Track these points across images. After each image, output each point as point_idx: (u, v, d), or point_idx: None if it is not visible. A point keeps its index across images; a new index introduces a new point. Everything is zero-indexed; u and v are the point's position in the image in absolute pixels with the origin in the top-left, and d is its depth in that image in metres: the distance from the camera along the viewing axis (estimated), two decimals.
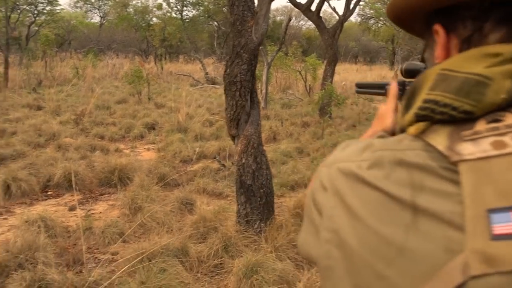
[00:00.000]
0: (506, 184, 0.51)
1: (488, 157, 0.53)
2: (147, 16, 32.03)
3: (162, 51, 26.19)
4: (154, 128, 9.80)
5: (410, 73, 1.09)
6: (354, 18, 39.23)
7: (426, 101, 0.60)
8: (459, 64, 0.60)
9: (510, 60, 0.57)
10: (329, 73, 11.69)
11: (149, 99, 13.80)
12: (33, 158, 6.74)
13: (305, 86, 16.21)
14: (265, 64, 12.92)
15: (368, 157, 0.60)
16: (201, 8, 27.93)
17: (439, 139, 0.57)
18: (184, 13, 28.38)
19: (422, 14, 0.69)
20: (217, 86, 18.24)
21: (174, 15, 28.14)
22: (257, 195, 4.13)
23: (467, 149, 0.54)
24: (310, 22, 15.85)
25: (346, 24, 13.38)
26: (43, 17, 32.37)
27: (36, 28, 31.29)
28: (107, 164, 6.30)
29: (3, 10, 18.93)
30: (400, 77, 1.15)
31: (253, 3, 3.86)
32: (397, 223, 0.54)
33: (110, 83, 18.77)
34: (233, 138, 4.25)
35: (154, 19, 31.69)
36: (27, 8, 30.70)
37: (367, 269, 0.55)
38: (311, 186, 0.70)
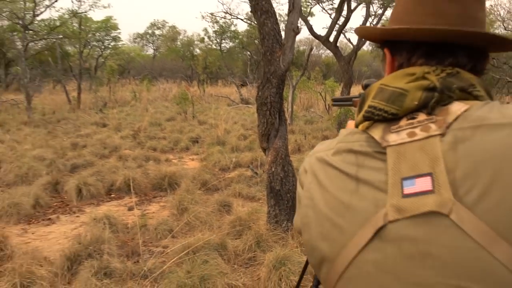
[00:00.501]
0: (413, 160, 0.65)
1: (404, 143, 0.68)
2: (191, 48, 32.45)
3: (204, 76, 26.39)
4: (197, 142, 9.88)
5: (367, 87, 1.25)
6: (366, 47, 38.88)
7: (369, 106, 0.75)
8: (390, 81, 0.75)
9: (421, 78, 0.72)
10: (345, 94, 11.59)
11: (193, 117, 13.93)
12: (99, 167, 6.86)
13: (325, 105, 16.11)
14: (291, 86, 12.90)
15: (332, 147, 0.77)
16: (237, 40, 28.17)
17: (377, 132, 0.72)
18: (222, 45, 28.70)
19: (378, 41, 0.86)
20: (250, 106, 18.28)
21: (214, 46, 28.45)
22: (284, 199, 4.11)
23: (392, 138, 0.69)
24: (329, 51, 15.78)
25: (359, 52, 13.25)
26: (108, 51, 33.27)
27: (103, 60, 32.14)
28: (159, 172, 6.37)
29: (78, 46, 19.51)
30: (362, 91, 1.31)
31: (281, 36, 3.86)
32: (346, 189, 0.70)
33: (161, 104, 19.02)
34: (264, 150, 4.24)
35: (197, 50, 32.07)
36: (96, 44, 31.68)
37: (328, 221, 0.71)
38: None
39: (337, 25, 11.87)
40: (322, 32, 32.25)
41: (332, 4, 14.29)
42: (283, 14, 18.79)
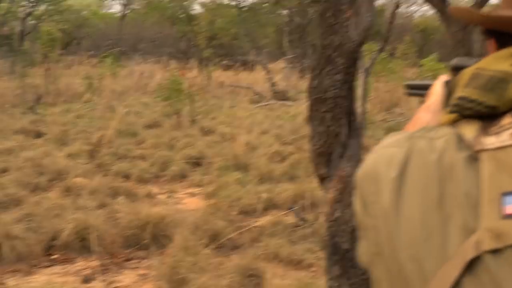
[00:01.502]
0: None
1: (505, 147, 0.79)
2: (186, 3, 32.75)
3: (209, 53, 26.62)
4: (200, 164, 9.96)
5: (458, 70, 1.30)
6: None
7: (459, 98, 0.89)
8: (490, 63, 0.88)
9: None
10: None
11: (192, 121, 14.07)
12: (31, 207, 6.93)
13: (422, 101, 16.04)
14: (362, 70, 12.94)
15: (405, 145, 0.88)
16: None
17: (469, 130, 0.84)
18: None
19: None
20: (288, 103, 18.35)
21: (226, 1, 28.55)
22: (357, 266, 4.11)
23: (489, 140, 0.80)
24: (427, 8, 15.77)
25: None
26: (43, 7, 33.79)
27: (34, 22, 32.70)
28: (136, 216, 6.43)
29: None
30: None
31: None
32: (424, 207, 0.80)
33: (136, 99, 19.28)
34: (321, 179, 4.26)
35: (198, 7, 32.36)
36: None
37: (403, 251, 0.81)
38: None
39: None
40: None
41: None
42: None
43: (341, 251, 4.12)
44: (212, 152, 10.60)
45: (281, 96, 20.38)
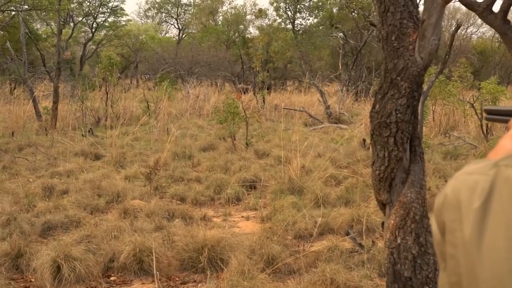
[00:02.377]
0: None
1: None
2: (241, 26, 33.02)
3: (264, 76, 26.75)
4: (255, 187, 9.96)
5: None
6: None
7: None
8: None
9: None
10: None
11: (247, 145, 14.11)
12: (91, 228, 7.05)
13: (481, 125, 15.76)
14: None
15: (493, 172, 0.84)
16: (322, 13, 28.29)
17: None
18: (297, 21, 28.86)
19: None
20: (343, 126, 18.31)
21: (282, 24, 28.66)
22: None
23: None
24: (483, 29, 15.58)
25: None
26: (103, 32, 34.49)
27: (94, 47, 33.38)
28: (192, 239, 6.45)
29: (55, 25, 20.30)
30: None
31: (416, 8, 3.86)
32: None
33: (191, 121, 19.48)
34: (383, 205, 4.19)
35: (252, 30, 32.57)
36: (84, 20, 32.90)
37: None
38: None
39: None
40: None
41: None
42: None
43: (402, 279, 4.04)
44: (266, 175, 10.60)
45: (335, 119, 20.34)
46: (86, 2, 31.35)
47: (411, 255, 4.02)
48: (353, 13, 25.68)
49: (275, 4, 27.69)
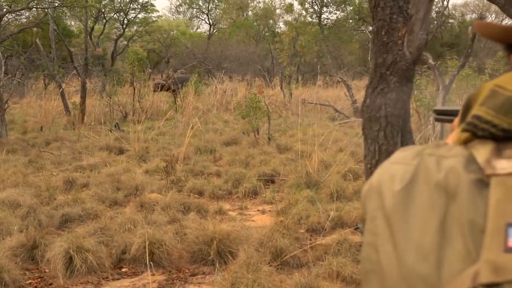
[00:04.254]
0: None
1: None
2: (271, 21, 32.95)
3: (292, 70, 26.69)
4: (273, 181, 9.97)
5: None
6: None
7: (473, 116, 0.84)
8: (508, 81, 0.83)
9: None
10: None
11: (269, 139, 14.10)
12: (106, 221, 7.13)
13: None
14: (440, 88, 12.67)
15: (414, 162, 0.86)
16: (349, 7, 28.09)
17: (482, 152, 0.80)
18: (324, 15, 28.68)
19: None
20: None
21: (309, 19, 28.52)
22: None
23: (502, 164, 0.77)
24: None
25: None
26: (134, 28, 34.70)
27: (126, 43, 33.59)
28: (203, 232, 6.49)
29: (84, 19, 20.50)
30: None
31: (407, 3, 3.86)
32: (425, 229, 0.77)
33: (218, 116, 19.50)
34: None
35: (282, 25, 32.47)
36: (115, 16, 33.16)
37: (396, 272, 0.79)
38: None
39: None
40: None
41: None
42: None
43: None
44: (285, 169, 10.59)
45: (360, 113, 20.20)
46: None
47: None
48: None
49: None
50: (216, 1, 41.35)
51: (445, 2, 22.70)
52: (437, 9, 24.34)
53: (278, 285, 5.33)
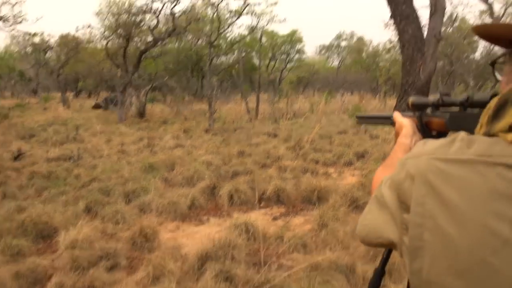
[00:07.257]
0: None
1: None
2: (377, 59, 31.98)
3: (386, 88, 25.73)
4: (363, 156, 9.68)
5: (417, 106, 1.09)
6: None
7: None
8: None
9: None
10: None
11: (365, 131, 13.70)
12: (256, 176, 7.30)
13: None
14: None
15: (459, 154, 0.63)
16: None
17: None
18: None
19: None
20: None
21: (398, 57, 27.44)
22: None
23: None
24: None
25: None
26: (292, 64, 35.29)
27: (287, 73, 34.27)
28: (310, 185, 6.47)
29: (262, 59, 21.13)
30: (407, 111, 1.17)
31: (424, 44, 3.60)
32: (501, 216, 0.57)
33: (338, 116, 19.20)
34: None
35: (382, 62, 31.51)
36: (282, 57, 34.05)
37: (468, 255, 0.58)
38: (388, 175, 0.74)
39: None
40: None
41: None
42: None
43: None
44: (373, 150, 10.21)
45: None
46: (283, 46, 32.16)
47: None
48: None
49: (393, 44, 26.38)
50: (343, 46, 40.75)
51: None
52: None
53: (350, 220, 5.20)
